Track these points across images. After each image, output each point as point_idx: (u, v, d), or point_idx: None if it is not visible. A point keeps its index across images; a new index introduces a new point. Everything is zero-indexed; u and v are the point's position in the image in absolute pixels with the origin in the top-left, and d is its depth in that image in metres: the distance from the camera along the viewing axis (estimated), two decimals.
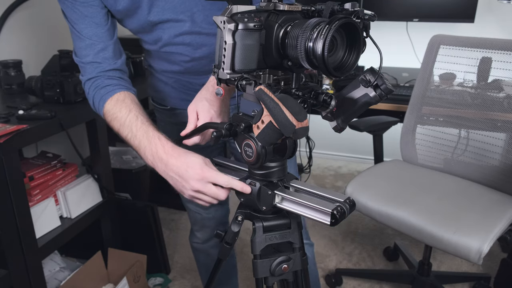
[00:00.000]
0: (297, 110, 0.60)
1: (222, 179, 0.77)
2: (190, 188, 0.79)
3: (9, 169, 1.17)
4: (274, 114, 0.60)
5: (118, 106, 0.90)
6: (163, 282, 1.86)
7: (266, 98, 0.61)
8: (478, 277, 1.87)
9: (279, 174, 0.76)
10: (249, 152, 0.72)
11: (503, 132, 1.56)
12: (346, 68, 0.65)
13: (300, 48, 0.61)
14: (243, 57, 0.66)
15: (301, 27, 0.62)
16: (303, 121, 0.60)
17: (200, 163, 0.78)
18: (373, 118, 1.89)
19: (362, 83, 0.71)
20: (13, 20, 1.69)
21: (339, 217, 0.69)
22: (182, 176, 0.79)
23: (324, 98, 0.71)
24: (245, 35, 0.65)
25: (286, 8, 0.66)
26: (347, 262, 2.04)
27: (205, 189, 0.78)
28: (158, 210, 1.85)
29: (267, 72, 0.70)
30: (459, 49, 1.65)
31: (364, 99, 0.72)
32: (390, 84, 0.71)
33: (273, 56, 0.67)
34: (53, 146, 1.77)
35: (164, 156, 0.81)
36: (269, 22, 0.66)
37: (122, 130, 0.88)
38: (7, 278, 1.21)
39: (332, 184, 2.86)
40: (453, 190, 1.55)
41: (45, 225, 1.40)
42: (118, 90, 0.92)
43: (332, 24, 0.59)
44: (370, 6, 2.46)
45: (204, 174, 0.77)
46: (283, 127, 0.60)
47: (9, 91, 1.57)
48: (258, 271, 0.81)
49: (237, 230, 0.84)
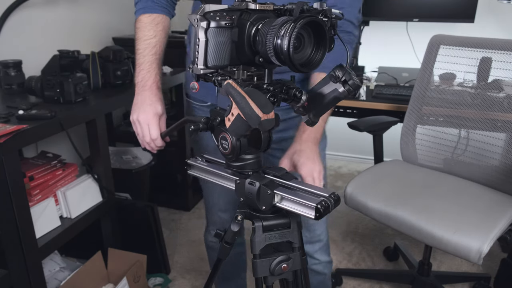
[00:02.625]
0: (264, 103, 0.64)
1: (153, 132, 1.00)
2: (136, 115, 1.02)
3: (9, 169, 1.17)
4: (241, 106, 0.64)
5: (150, 25, 1.04)
6: (163, 282, 1.86)
7: (233, 92, 0.64)
8: (478, 277, 1.87)
9: (253, 166, 0.80)
10: (225, 145, 0.76)
11: (503, 132, 1.56)
12: (313, 64, 0.68)
13: (269, 45, 0.65)
14: (216, 53, 0.70)
15: (271, 25, 0.65)
16: (269, 113, 0.64)
17: (155, 112, 1.01)
18: (373, 118, 1.89)
19: (332, 79, 0.75)
20: (13, 20, 1.69)
21: (323, 211, 0.72)
22: (140, 106, 1.02)
23: (295, 93, 0.75)
24: (217, 33, 0.68)
25: (257, 7, 0.70)
26: (347, 262, 2.04)
27: (142, 127, 1.01)
28: (158, 210, 1.85)
29: (241, 68, 0.74)
30: (459, 49, 1.65)
31: (333, 94, 0.75)
32: (358, 79, 0.74)
33: (245, 52, 0.70)
34: (53, 146, 1.77)
35: (147, 87, 1.03)
36: (241, 20, 0.69)
37: (138, 43, 1.05)
38: (7, 278, 1.21)
39: (332, 184, 2.86)
40: (453, 190, 1.55)
41: (45, 225, 1.39)
42: (160, 12, 1.05)
43: (297, 22, 0.62)
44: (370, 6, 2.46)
45: (150, 121, 1.00)
46: (250, 118, 0.63)
47: (9, 91, 1.57)
48: (257, 270, 0.81)
49: (237, 230, 0.85)
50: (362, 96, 2.15)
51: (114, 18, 2.29)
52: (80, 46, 1.94)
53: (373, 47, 2.70)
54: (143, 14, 1.05)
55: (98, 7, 2.17)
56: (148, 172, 2.22)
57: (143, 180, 2.18)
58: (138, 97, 1.04)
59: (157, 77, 1.05)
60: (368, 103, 2.08)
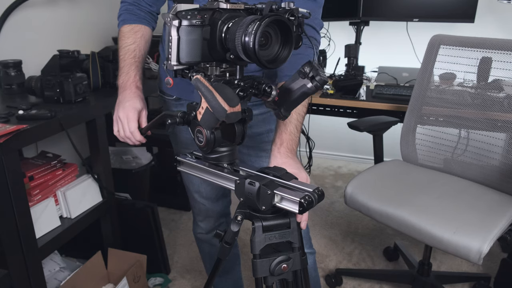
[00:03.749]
0: (230, 97, 0.67)
1: (131, 125, 1.04)
2: (117, 113, 1.06)
3: (9, 169, 1.17)
4: (208, 100, 0.67)
5: (129, 33, 1.12)
6: (163, 282, 1.86)
7: (201, 86, 0.67)
8: (478, 277, 1.87)
9: (229, 158, 0.84)
10: (200, 138, 0.80)
11: (503, 132, 1.56)
12: (279, 61, 0.72)
13: (238, 43, 0.68)
14: (188, 50, 0.73)
15: (240, 23, 0.68)
16: (235, 107, 0.67)
17: (133, 107, 1.05)
18: (373, 118, 1.89)
19: (300, 75, 0.78)
20: (13, 20, 1.69)
21: (307, 205, 0.73)
22: (120, 104, 1.07)
23: (264, 88, 0.79)
24: (189, 31, 0.71)
25: (229, 7, 0.73)
26: (347, 262, 2.04)
27: (122, 122, 1.05)
28: (158, 210, 1.85)
29: (214, 64, 0.77)
30: (459, 49, 1.65)
31: (302, 90, 0.79)
32: (325, 75, 0.78)
33: (217, 50, 0.73)
34: (53, 146, 1.77)
35: (127, 87, 1.08)
36: (213, 19, 0.73)
37: (119, 51, 1.12)
38: (7, 278, 1.21)
39: (332, 184, 2.86)
40: (453, 190, 1.55)
41: (45, 225, 1.39)
42: (139, 23, 1.13)
43: (262, 21, 0.65)
44: (370, 6, 2.46)
45: (129, 114, 1.04)
46: (216, 111, 0.66)
47: (9, 91, 1.56)
48: (257, 270, 0.81)
49: (237, 230, 0.85)
50: (362, 96, 2.15)
51: (114, 18, 2.27)
52: (80, 46, 1.94)
53: (373, 47, 2.70)
54: (123, 25, 1.14)
55: (98, 7, 2.17)
56: (148, 172, 2.22)
57: (143, 180, 2.18)
58: (119, 97, 1.09)
59: (136, 78, 1.10)
60: (368, 103, 2.08)
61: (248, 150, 1.22)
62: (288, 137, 0.93)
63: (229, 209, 1.42)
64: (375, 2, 2.45)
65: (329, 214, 2.47)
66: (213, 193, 1.31)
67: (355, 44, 2.57)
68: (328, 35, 2.67)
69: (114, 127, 1.09)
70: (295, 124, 0.95)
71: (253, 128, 1.18)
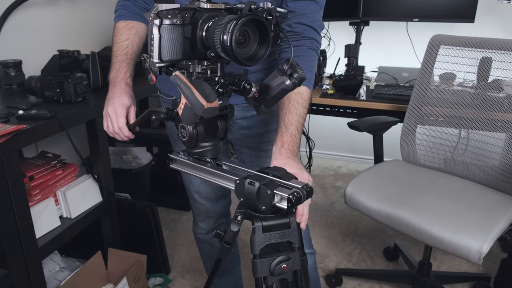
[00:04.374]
0: (208, 92, 0.69)
1: (120, 120, 1.05)
2: (106, 109, 1.08)
3: (9, 169, 1.17)
4: (186, 96, 0.69)
5: (123, 30, 1.14)
6: (163, 282, 1.86)
7: (180, 83, 0.69)
8: (478, 277, 1.87)
9: (212, 153, 0.87)
10: (183, 133, 0.82)
11: (503, 132, 1.56)
12: (256, 58, 0.74)
13: (217, 41, 0.70)
14: (169, 48, 0.75)
15: (219, 22, 0.71)
16: (212, 102, 0.68)
17: (121, 103, 1.06)
18: (373, 118, 1.89)
19: (279, 72, 0.81)
20: (13, 20, 1.69)
21: (295, 201, 0.75)
22: (109, 100, 1.08)
23: (244, 85, 0.81)
24: (170, 30, 0.73)
25: (209, 6, 0.75)
26: (347, 262, 2.04)
27: (111, 118, 1.07)
28: (158, 210, 1.85)
29: (196, 62, 0.79)
30: (459, 49, 1.65)
31: (281, 87, 0.81)
32: (303, 73, 0.80)
33: (198, 48, 0.75)
34: (53, 146, 1.77)
35: (117, 83, 1.10)
36: (194, 18, 0.75)
37: (113, 46, 1.14)
38: (7, 278, 1.21)
39: (332, 184, 2.86)
40: (453, 190, 1.55)
41: (45, 225, 1.39)
42: (134, 19, 1.14)
43: (239, 20, 0.68)
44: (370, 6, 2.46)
45: (117, 110, 1.05)
46: (194, 106, 0.68)
47: (9, 91, 1.56)
48: (257, 270, 0.81)
49: (237, 230, 0.85)
50: (362, 96, 2.15)
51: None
52: (80, 46, 1.94)
53: (373, 47, 2.70)
54: (119, 21, 1.15)
55: (98, 7, 2.17)
56: (148, 172, 2.22)
57: (143, 180, 2.18)
58: (108, 93, 1.11)
59: (126, 74, 1.12)
60: (368, 103, 2.08)
61: (249, 150, 1.22)
62: (289, 138, 0.94)
63: (229, 209, 1.42)
64: (375, 2, 2.45)
65: (329, 214, 2.47)
66: (213, 194, 1.31)
67: (355, 44, 2.57)
68: (328, 35, 2.67)
69: (104, 122, 1.11)
70: (296, 125, 0.95)
71: (253, 129, 1.18)
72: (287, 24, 1.02)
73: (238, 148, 1.25)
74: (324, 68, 2.55)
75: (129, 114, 1.08)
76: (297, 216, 0.83)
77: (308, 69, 0.99)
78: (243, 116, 1.16)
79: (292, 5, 1.01)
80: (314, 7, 1.02)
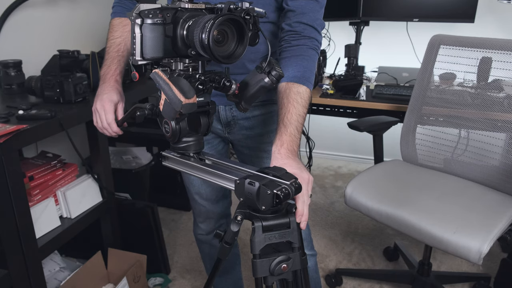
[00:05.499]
0: (186, 89, 0.71)
1: (108, 116, 1.06)
2: (95, 104, 1.09)
3: (9, 169, 1.16)
4: (165, 92, 0.71)
5: (117, 27, 1.15)
6: (163, 282, 1.86)
7: (159, 79, 0.71)
8: (478, 277, 1.87)
9: (195, 148, 0.90)
10: (167, 129, 0.85)
11: (503, 132, 1.56)
12: (234, 56, 0.76)
13: (196, 39, 0.72)
14: (151, 46, 0.77)
15: (198, 21, 0.73)
16: (190, 98, 0.70)
17: (110, 99, 1.07)
18: (373, 118, 1.89)
19: (258, 70, 0.83)
20: (13, 20, 1.69)
21: (283, 197, 0.75)
22: (98, 96, 1.09)
23: (224, 82, 0.84)
24: (151, 29, 0.75)
25: (190, 6, 0.78)
26: (347, 262, 2.04)
27: (99, 113, 1.08)
28: (158, 210, 1.85)
29: (178, 60, 0.81)
30: (459, 49, 1.65)
31: (260, 84, 0.84)
32: (280, 70, 0.83)
33: (179, 46, 0.77)
34: (53, 146, 1.77)
35: (106, 80, 1.11)
36: (176, 18, 0.77)
37: (107, 43, 1.15)
38: (7, 278, 1.21)
39: (332, 184, 2.86)
40: (453, 190, 1.55)
41: (45, 225, 1.39)
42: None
43: (215, 20, 0.70)
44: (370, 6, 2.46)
45: (105, 106, 1.06)
46: (173, 102, 0.70)
47: (9, 91, 1.56)
48: (257, 270, 0.81)
49: (237, 230, 0.85)
50: (362, 96, 2.15)
51: None
52: (80, 46, 1.94)
53: (373, 47, 2.70)
54: (114, 18, 1.17)
55: (98, 7, 2.17)
56: (148, 172, 2.22)
57: (143, 180, 2.18)
58: (98, 89, 1.12)
59: (116, 72, 1.13)
60: (368, 103, 2.08)
61: (249, 151, 1.22)
62: (288, 138, 0.93)
63: (229, 210, 1.42)
64: (375, 2, 2.45)
65: (329, 214, 2.47)
66: (213, 195, 1.31)
67: (355, 44, 2.57)
68: (328, 35, 2.67)
69: (93, 118, 1.12)
70: (295, 125, 0.95)
71: (254, 129, 1.18)
72: (287, 23, 1.02)
73: (239, 149, 1.25)
74: (324, 68, 2.55)
75: (117, 110, 1.10)
76: (297, 216, 0.83)
77: (308, 68, 0.99)
78: (244, 117, 1.16)
79: (292, 4, 1.01)
80: (314, 6, 1.02)
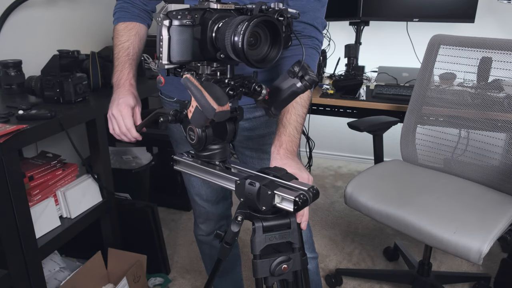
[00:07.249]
0: (219, 95, 0.68)
1: (127, 122, 1.04)
2: (110, 110, 1.07)
3: (9, 169, 1.16)
4: (197, 99, 0.68)
5: (123, 31, 1.13)
6: (163, 282, 1.86)
7: (190, 85, 0.68)
8: (478, 277, 1.87)
9: (220, 156, 0.86)
10: (192, 136, 0.81)
11: (503, 132, 1.56)
12: (267, 60, 0.73)
13: (227, 42, 0.69)
14: (179, 49, 0.74)
15: (229, 23, 0.69)
16: (223, 106, 0.67)
17: (127, 104, 1.05)
18: (373, 118, 1.89)
19: (290, 74, 0.78)
20: (13, 20, 1.69)
21: (301, 204, 0.74)
22: (114, 102, 1.07)
23: (254, 87, 0.79)
24: (179, 31, 0.72)
25: (219, 7, 0.74)
26: (347, 262, 2.04)
27: (117, 119, 1.06)
28: (158, 210, 1.85)
29: (205, 63, 0.78)
30: (459, 49, 1.65)
31: (291, 89, 0.79)
32: (314, 75, 0.78)
33: (208, 49, 0.74)
34: (53, 146, 1.77)
35: (121, 85, 1.10)
36: (204, 19, 0.74)
37: (114, 49, 1.14)
38: (7, 278, 1.21)
39: (332, 184, 2.86)
40: (453, 190, 1.55)
41: (45, 225, 1.39)
42: (133, 20, 1.14)
43: (250, 21, 0.66)
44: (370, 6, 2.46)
45: (122, 111, 1.04)
46: (205, 110, 0.67)
47: (9, 91, 1.56)
48: (258, 271, 0.81)
49: (237, 230, 0.85)
50: (362, 96, 2.15)
51: None
52: (80, 46, 1.94)
53: (373, 47, 2.70)
54: (118, 23, 1.15)
55: (97, 7, 2.17)
56: (148, 172, 2.22)
57: (143, 180, 2.18)
58: (113, 95, 1.10)
59: (130, 75, 1.11)
60: (368, 103, 2.08)
61: (251, 152, 1.22)
62: (288, 138, 0.93)
63: (230, 211, 1.42)
64: (375, 2, 2.45)
65: (329, 214, 2.47)
66: (213, 196, 1.31)
67: (355, 44, 2.57)
68: (328, 35, 2.67)
69: (109, 125, 1.09)
70: (295, 125, 0.94)
71: (256, 130, 1.18)
72: None
73: (240, 150, 1.25)
74: (324, 68, 2.55)
75: (134, 114, 1.07)
76: (298, 216, 0.83)
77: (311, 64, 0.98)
78: (245, 118, 1.16)
79: (293, 4, 1.00)
80: (315, 5, 1.01)
